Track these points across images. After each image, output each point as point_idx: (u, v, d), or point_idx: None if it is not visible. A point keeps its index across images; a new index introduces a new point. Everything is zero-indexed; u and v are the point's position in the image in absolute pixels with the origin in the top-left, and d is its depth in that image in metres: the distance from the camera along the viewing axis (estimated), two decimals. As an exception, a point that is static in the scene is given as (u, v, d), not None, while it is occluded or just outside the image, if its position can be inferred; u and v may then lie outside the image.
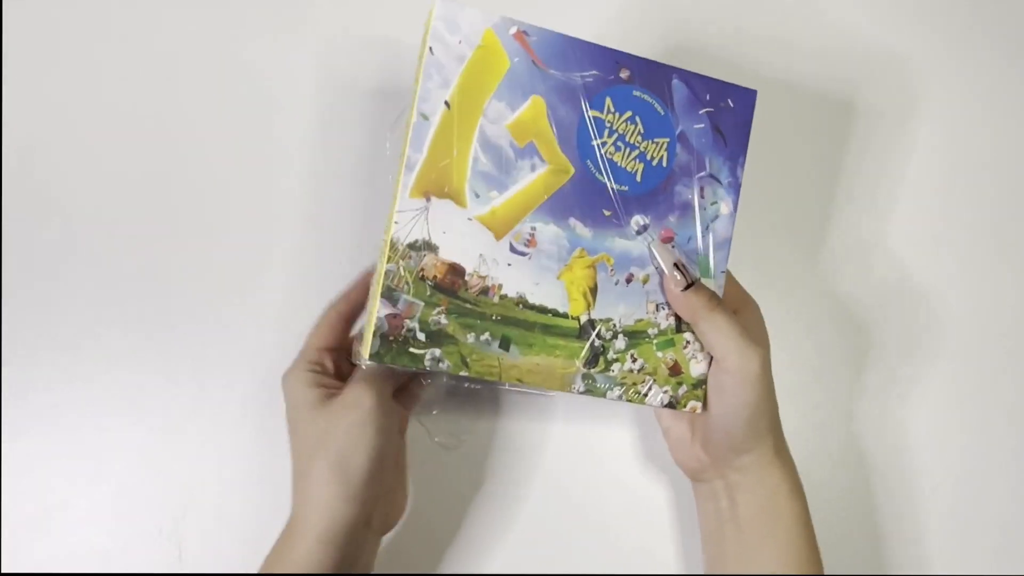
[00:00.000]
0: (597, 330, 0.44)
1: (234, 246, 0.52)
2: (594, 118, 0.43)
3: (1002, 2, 0.64)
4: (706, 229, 0.45)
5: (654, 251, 0.44)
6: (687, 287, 0.43)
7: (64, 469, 0.50)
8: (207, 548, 0.49)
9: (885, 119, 0.62)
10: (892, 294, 0.60)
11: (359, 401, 0.42)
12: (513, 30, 0.42)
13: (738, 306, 0.47)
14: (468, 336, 0.42)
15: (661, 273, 0.44)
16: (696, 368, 0.45)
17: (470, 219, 0.41)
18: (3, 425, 0.49)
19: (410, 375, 0.49)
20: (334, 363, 0.46)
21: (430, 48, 0.41)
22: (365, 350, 0.41)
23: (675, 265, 0.44)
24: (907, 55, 0.62)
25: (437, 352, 0.41)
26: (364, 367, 0.44)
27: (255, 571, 0.43)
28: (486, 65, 0.41)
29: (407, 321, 0.41)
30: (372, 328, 0.40)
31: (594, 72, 0.43)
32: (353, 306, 0.47)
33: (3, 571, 0.48)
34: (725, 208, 0.46)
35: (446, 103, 0.41)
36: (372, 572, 0.45)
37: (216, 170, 0.53)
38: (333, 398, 0.43)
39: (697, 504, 0.49)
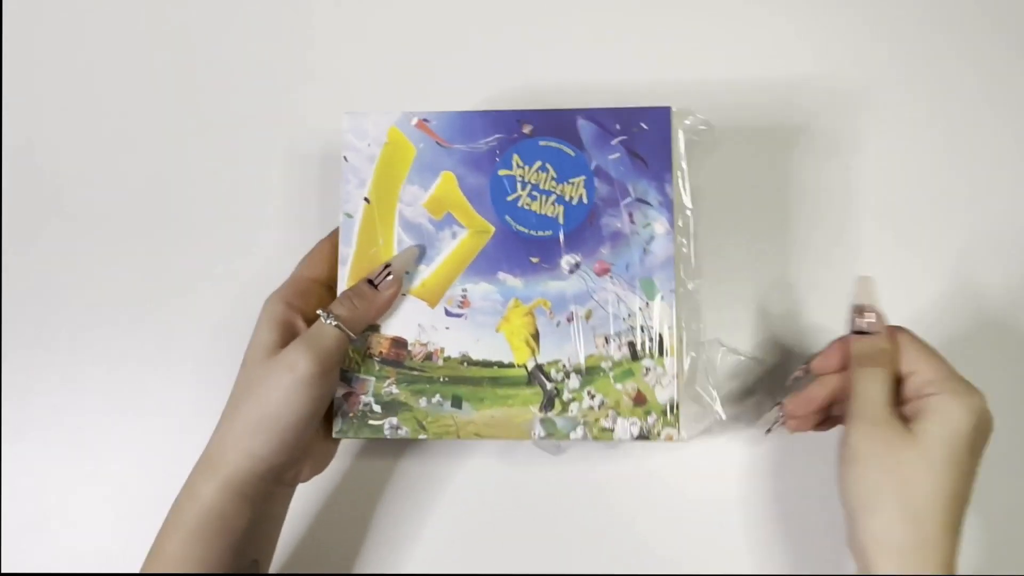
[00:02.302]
0: (546, 373, 0.44)
1: (234, 247, 0.53)
2: (504, 176, 0.46)
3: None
4: (644, 252, 0.45)
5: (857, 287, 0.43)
6: (853, 332, 0.42)
7: (64, 469, 0.50)
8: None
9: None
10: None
11: (295, 365, 0.41)
12: (414, 121, 0.46)
13: (933, 390, 0.39)
14: (420, 401, 0.45)
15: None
16: (662, 394, 0.44)
17: (404, 295, 0.45)
18: (3, 425, 0.50)
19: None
20: (319, 298, 0.45)
21: (344, 157, 0.46)
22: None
23: (855, 306, 0.42)
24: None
25: (394, 420, 0.45)
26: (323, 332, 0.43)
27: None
28: (395, 158, 0.46)
29: (362, 397, 0.45)
30: (332, 408, 0.45)
31: (497, 136, 0.46)
32: None
33: (3, 571, 0.48)
34: (660, 228, 0.45)
35: (365, 199, 0.46)
36: (282, 523, 0.45)
37: (219, 171, 0.54)
38: (279, 353, 0.42)
39: None
